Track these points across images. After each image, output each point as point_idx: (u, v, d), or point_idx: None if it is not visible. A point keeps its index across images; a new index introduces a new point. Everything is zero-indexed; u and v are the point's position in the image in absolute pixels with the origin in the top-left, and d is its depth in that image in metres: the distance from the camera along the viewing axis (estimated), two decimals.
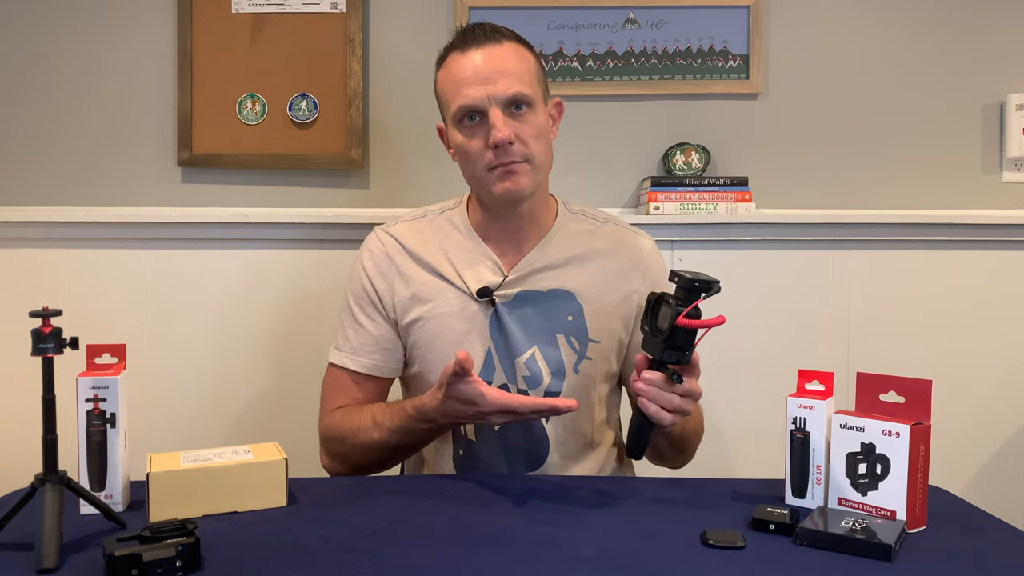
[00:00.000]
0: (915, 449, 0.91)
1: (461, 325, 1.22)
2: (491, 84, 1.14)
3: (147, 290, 1.79)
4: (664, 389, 0.99)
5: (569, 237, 1.27)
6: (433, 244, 1.26)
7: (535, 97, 1.18)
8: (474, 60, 1.16)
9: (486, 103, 1.15)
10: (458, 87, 1.16)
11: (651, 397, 0.99)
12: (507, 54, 1.17)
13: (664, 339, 0.96)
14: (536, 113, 1.18)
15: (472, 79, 1.15)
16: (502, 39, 1.18)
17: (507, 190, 1.17)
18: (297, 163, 1.80)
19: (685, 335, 0.95)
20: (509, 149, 1.15)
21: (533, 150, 1.17)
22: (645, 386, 0.99)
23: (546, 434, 1.23)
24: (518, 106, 1.16)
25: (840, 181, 1.84)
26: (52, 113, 1.79)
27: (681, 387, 0.99)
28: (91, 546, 0.85)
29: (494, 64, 1.16)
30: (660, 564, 0.82)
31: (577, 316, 1.23)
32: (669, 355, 0.97)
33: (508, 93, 1.15)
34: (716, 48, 1.82)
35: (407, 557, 0.83)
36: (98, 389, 0.94)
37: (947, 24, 1.83)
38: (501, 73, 1.15)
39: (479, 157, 1.17)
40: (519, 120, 1.16)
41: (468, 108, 1.16)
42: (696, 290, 0.93)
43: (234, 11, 1.78)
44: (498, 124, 1.14)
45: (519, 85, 1.16)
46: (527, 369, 1.21)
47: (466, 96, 1.15)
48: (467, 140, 1.18)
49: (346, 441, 1.21)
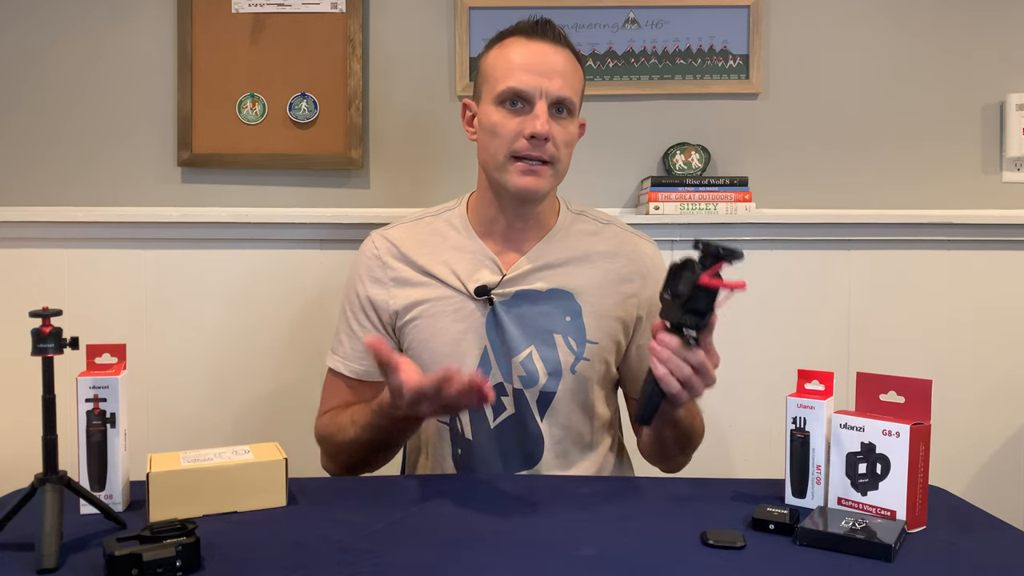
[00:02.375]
0: (915, 449, 0.91)
1: (457, 325, 1.22)
2: (546, 79, 1.16)
3: (147, 290, 1.79)
4: (678, 354, 0.97)
5: (571, 237, 1.27)
6: (429, 246, 1.26)
7: (575, 108, 1.21)
8: (538, 50, 1.18)
9: (536, 93, 1.16)
10: (513, 69, 1.18)
11: (663, 359, 0.97)
12: (567, 59, 1.20)
13: (684, 302, 0.95)
14: (572, 122, 1.21)
15: (531, 66, 1.17)
16: (565, 46, 1.22)
17: (526, 186, 1.17)
18: (297, 163, 1.80)
19: (705, 298, 0.94)
20: (543, 145, 1.16)
21: (561, 155, 1.19)
22: (659, 347, 0.98)
23: (541, 433, 1.23)
24: (560, 109, 1.18)
25: (840, 181, 1.84)
26: (52, 113, 1.80)
27: (695, 357, 0.97)
28: (91, 546, 0.85)
29: (554, 62, 1.18)
30: (660, 564, 0.82)
31: (576, 317, 1.23)
32: (688, 318, 0.96)
33: (560, 93, 1.17)
34: (716, 48, 1.82)
35: (407, 557, 0.83)
36: (98, 389, 0.94)
37: (947, 24, 1.83)
38: (558, 73, 1.17)
39: (508, 141, 1.17)
40: (558, 123, 1.18)
41: (517, 91, 1.17)
42: (719, 256, 0.93)
43: (234, 11, 1.79)
44: (542, 117, 1.15)
45: (569, 90, 1.18)
46: (523, 369, 1.21)
47: (520, 80, 1.17)
48: (503, 121, 1.18)
49: (331, 439, 1.22)
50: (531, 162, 1.17)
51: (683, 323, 0.96)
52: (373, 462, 1.23)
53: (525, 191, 1.18)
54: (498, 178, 1.20)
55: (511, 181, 1.18)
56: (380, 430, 1.13)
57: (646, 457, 1.30)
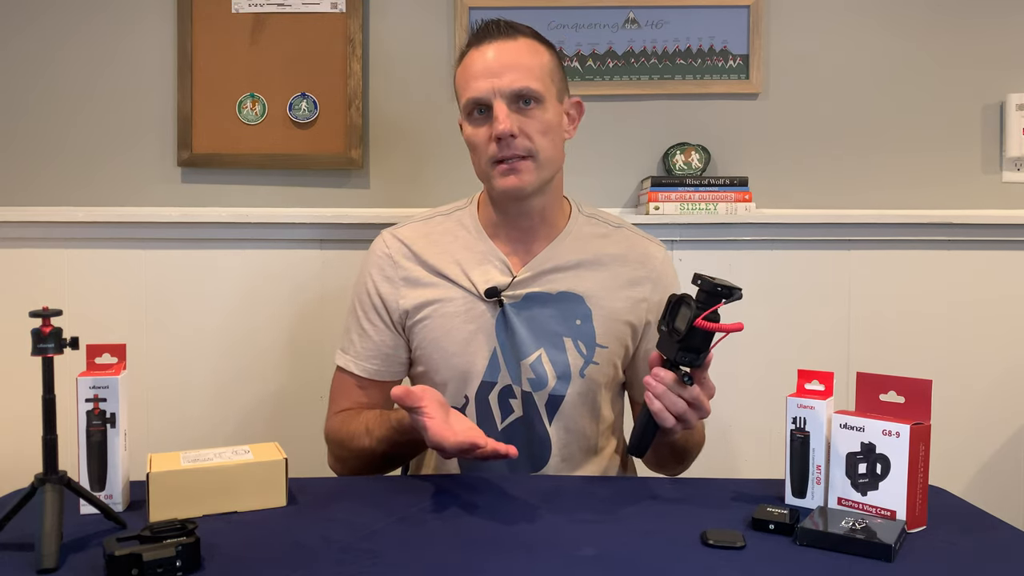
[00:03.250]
0: (915, 449, 0.91)
1: (467, 325, 1.21)
2: (497, 78, 1.16)
3: (147, 290, 1.79)
4: (673, 390, 0.99)
5: (581, 240, 1.26)
6: (440, 245, 1.26)
7: (545, 93, 1.18)
8: (486, 55, 1.18)
9: (491, 96, 1.16)
10: (468, 80, 1.18)
11: (657, 394, 0.99)
12: (519, 49, 1.18)
13: (680, 339, 0.96)
14: (545, 109, 1.18)
15: (481, 72, 1.17)
16: (516, 35, 1.19)
17: (509, 186, 1.17)
18: (297, 163, 1.80)
19: (701, 337, 0.95)
20: (511, 143, 1.15)
21: (537, 145, 1.17)
22: (654, 382, 0.99)
23: (548, 436, 1.23)
24: (526, 101, 1.16)
25: (840, 181, 1.84)
26: (52, 114, 1.80)
27: (689, 394, 0.99)
28: (91, 546, 0.85)
29: (504, 58, 1.17)
30: (660, 564, 0.82)
31: (586, 320, 1.23)
32: (683, 356, 0.97)
33: (514, 87, 1.15)
34: (716, 48, 1.82)
35: (407, 557, 0.83)
36: (98, 389, 0.94)
37: (947, 24, 1.83)
38: (509, 67, 1.16)
39: (484, 149, 1.18)
40: (525, 115, 1.16)
41: (475, 101, 1.17)
42: (717, 294, 0.93)
43: (234, 11, 1.79)
44: (500, 116, 1.15)
45: (526, 80, 1.16)
46: (532, 371, 1.21)
47: (474, 89, 1.17)
48: (474, 132, 1.19)
49: (344, 446, 1.22)
50: (508, 161, 1.17)
51: (678, 360, 0.98)
52: (387, 470, 1.23)
53: (509, 191, 1.18)
54: (489, 186, 1.21)
55: (496, 185, 1.19)
56: (398, 446, 1.14)
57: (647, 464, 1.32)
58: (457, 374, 1.22)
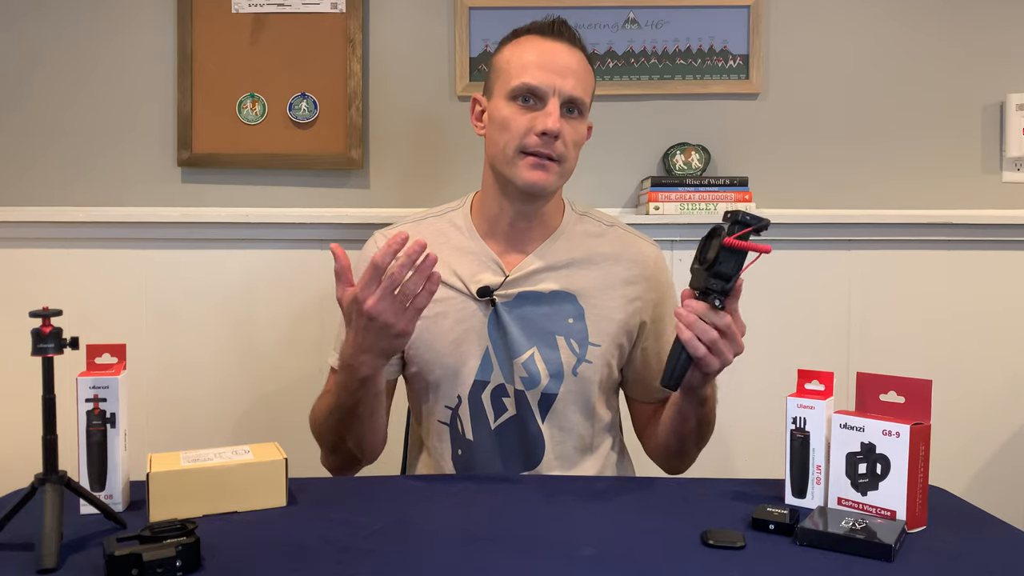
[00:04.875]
0: (915, 449, 0.91)
1: (459, 325, 1.22)
2: (560, 77, 1.17)
3: (147, 290, 1.79)
4: (703, 318, 1.00)
5: (575, 239, 1.27)
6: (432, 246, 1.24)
7: (586, 109, 1.22)
8: (553, 49, 1.20)
9: (550, 91, 1.17)
10: (527, 66, 1.18)
11: (688, 323, 1.01)
12: (581, 61, 1.22)
13: (710, 266, 0.99)
14: (582, 123, 1.22)
15: (545, 64, 1.18)
16: (579, 46, 1.23)
17: (534, 181, 1.18)
18: (297, 163, 1.80)
19: (731, 261, 0.99)
20: (553, 143, 1.17)
21: (569, 154, 1.20)
22: (684, 311, 1.01)
23: (541, 434, 1.23)
24: (571, 109, 1.19)
25: (840, 181, 1.84)
26: (52, 113, 1.80)
27: (721, 320, 1.00)
28: (91, 546, 0.85)
29: (568, 62, 1.19)
30: (660, 564, 0.82)
31: (578, 319, 1.23)
32: (713, 282, 0.99)
33: (572, 93, 1.18)
34: (716, 48, 1.82)
35: (407, 557, 0.83)
36: (98, 389, 0.94)
37: (947, 24, 1.83)
38: (572, 73, 1.19)
39: (519, 136, 1.18)
40: (568, 122, 1.19)
41: (531, 88, 1.17)
42: (746, 222, 0.98)
43: (234, 11, 1.79)
44: (555, 115, 1.16)
45: (581, 91, 1.20)
46: (525, 370, 1.21)
47: (534, 76, 1.17)
48: (514, 116, 1.18)
49: (316, 423, 1.23)
50: (540, 158, 1.17)
51: (709, 287, 1.00)
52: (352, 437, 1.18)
53: (533, 185, 1.18)
54: (506, 172, 1.20)
55: (519, 175, 1.18)
56: (345, 388, 1.11)
57: (658, 456, 1.30)
58: (449, 373, 1.22)
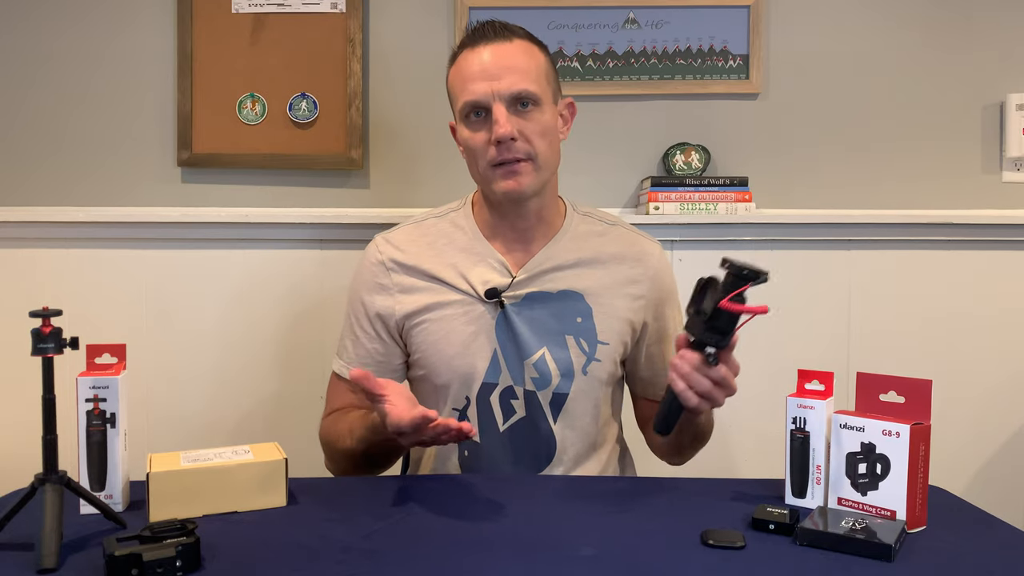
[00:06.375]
0: (915, 449, 0.91)
1: (467, 327, 1.21)
2: (496, 80, 1.15)
3: (147, 290, 1.79)
4: (698, 370, 0.99)
5: (578, 239, 1.27)
6: (434, 248, 1.25)
7: (542, 95, 1.18)
8: (482, 56, 1.17)
9: (490, 99, 1.15)
10: (465, 83, 1.17)
11: (682, 374, 1.00)
12: (515, 51, 1.18)
13: (706, 320, 0.98)
14: (542, 111, 1.18)
15: (478, 75, 1.16)
16: (512, 36, 1.19)
17: (509, 188, 1.17)
18: (297, 163, 1.80)
19: (727, 319, 0.97)
20: (512, 145, 1.15)
21: (537, 148, 1.17)
22: (679, 362, 1.00)
23: (554, 435, 1.23)
24: (523, 103, 1.16)
25: (840, 181, 1.84)
26: (52, 113, 1.80)
27: (715, 373, 0.99)
28: (91, 546, 0.85)
29: (501, 61, 1.16)
30: (660, 564, 0.82)
31: (587, 318, 1.23)
32: (709, 337, 0.98)
33: (513, 90, 1.15)
34: (716, 48, 1.82)
35: (407, 557, 0.83)
36: (98, 389, 0.94)
37: (947, 24, 1.83)
38: (507, 70, 1.16)
39: (483, 153, 1.18)
40: (524, 117, 1.16)
41: (473, 104, 1.16)
42: (744, 278, 0.95)
43: (234, 11, 1.79)
44: (501, 120, 1.14)
45: (525, 82, 1.16)
46: (536, 371, 1.21)
47: (471, 92, 1.16)
48: (472, 135, 1.18)
49: (332, 446, 1.22)
50: (508, 164, 1.16)
51: (704, 340, 0.99)
52: (371, 471, 1.22)
53: (510, 193, 1.18)
54: (487, 188, 1.21)
55: (497, 188, 1.18)
56: (373, 445, 1.13)
57: (656, 453, 1.32)
58: (458, 376, 1.22)
